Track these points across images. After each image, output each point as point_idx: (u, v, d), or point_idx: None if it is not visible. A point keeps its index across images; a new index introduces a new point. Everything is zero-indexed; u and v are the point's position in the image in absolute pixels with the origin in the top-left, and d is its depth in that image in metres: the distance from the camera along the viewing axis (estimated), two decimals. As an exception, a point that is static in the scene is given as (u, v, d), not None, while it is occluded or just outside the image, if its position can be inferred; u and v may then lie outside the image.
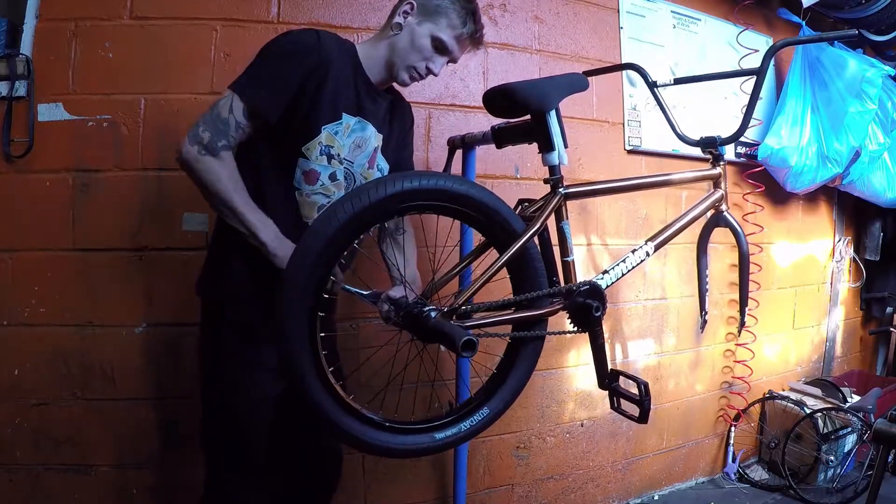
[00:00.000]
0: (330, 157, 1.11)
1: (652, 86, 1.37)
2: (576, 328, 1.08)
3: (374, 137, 1.19)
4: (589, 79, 1.15)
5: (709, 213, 1.36)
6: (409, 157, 1.35)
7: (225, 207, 1.03)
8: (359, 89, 1.15)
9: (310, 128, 1.08)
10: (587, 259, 2.02)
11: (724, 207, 1.35)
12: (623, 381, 1.15)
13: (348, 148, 1.14)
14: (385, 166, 1.24)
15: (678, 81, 1.40)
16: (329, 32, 1.13)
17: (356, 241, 0.87)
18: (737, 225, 1.37)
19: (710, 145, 1.32)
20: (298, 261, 0.84)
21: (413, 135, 1.36)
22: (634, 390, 1.09)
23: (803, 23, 2.28)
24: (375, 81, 1.18)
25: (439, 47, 1.16)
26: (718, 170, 1.33)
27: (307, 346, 0.85)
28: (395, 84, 1.22)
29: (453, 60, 1.21)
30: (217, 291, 1.15)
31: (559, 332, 1.10)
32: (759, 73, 1.18)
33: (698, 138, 1.34)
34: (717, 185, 1.34)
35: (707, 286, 1.48)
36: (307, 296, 0.84)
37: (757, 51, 2.30)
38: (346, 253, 0.88)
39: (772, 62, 2.35)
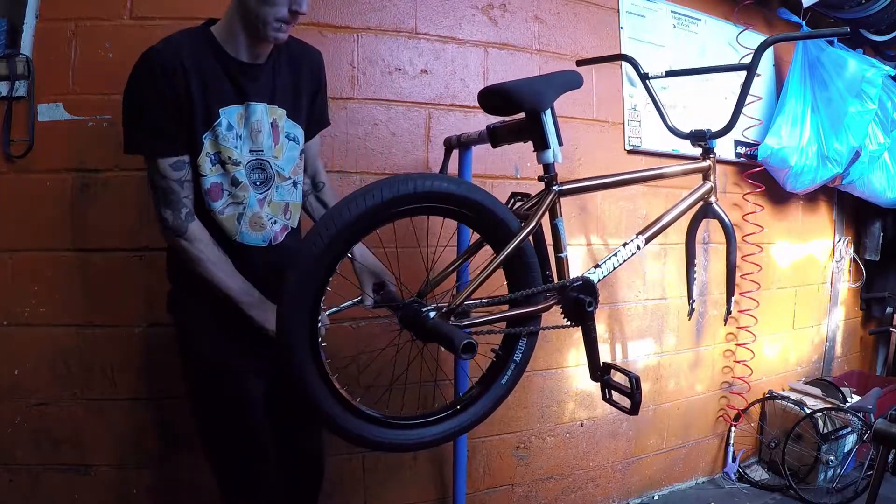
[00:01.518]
0: (223, 164, 1.06)
1: (644, 77, 1.40)
2: (569, 322, 1.10)
3: (265, 114, 1.10)
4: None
5: (698, 205, 1.38)
6: (322, 104, 1.26)
7: (211, 286, 1.05)
8: (232, 74, 1.07)
9: (195, 143, 1.03)
10: (587, 258, 2.01)
11: (712, 199, 1.37)
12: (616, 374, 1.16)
13: (247, 138, 1.08)
14: (297, 132, 1.17)
15: (669, 74, 1.42)
16: (173, 35, 1.06)
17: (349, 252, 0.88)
18: (725, 216, 1.39)
19: (700, 138, 1.35)
20: (302, 260, 0.85)
21: (325, 79, 1.25)
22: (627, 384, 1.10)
23: (803, 23, 2.28)
24: (247, 55, 1.08)
25: None
26: (708, 162, 1.36)
27: (307, 343, 0.86)
28: (272, 43, 1.09)
29: None
30: (182, 310, 1.15)
31: (552, 327, 1.11)
32: (750, 68, 1.20)
33: (688, 131, 1.37)
34: (706, 178, 1.37)
35: (695, 275, 1.50)
36: (307, 305, 0.85)
37: (757, 51, 2.30)
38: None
39: (770, 59, 2.39)
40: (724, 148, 2.23)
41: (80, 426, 1.50)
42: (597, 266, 1.15)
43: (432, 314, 0.90)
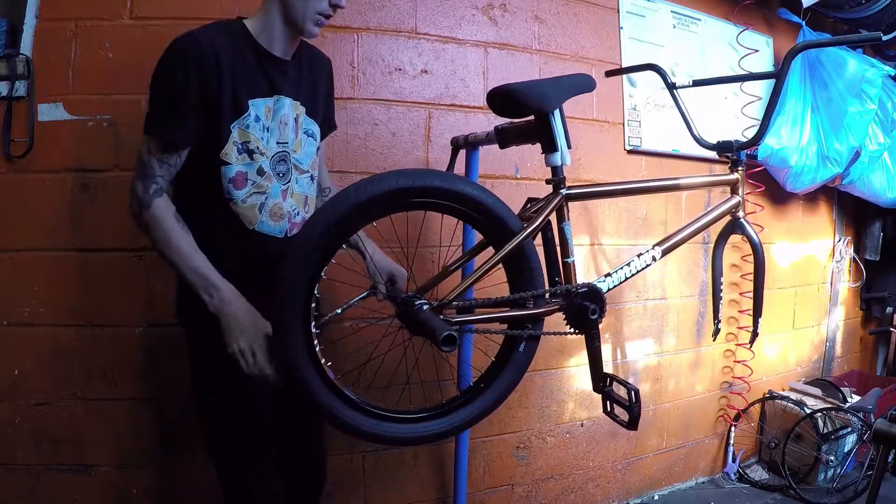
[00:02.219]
0: (251, 153, 1.07)
1: (671, 87, 1.34)
2: (572, 329, 1.08)
3: (290, 109, 1.14)
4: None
5: (725, 220, 1.32)
6: (332, 108, 1.31)
7: (166, 261, 1.03)
8: (265, 67, 1.10)
9: (221, 130, 1.04)
10: (587, 258, 2.02)
11: (740, 214, 1.31)
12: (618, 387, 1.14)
13: (276, 130, 1.11)
14: (314, 129, 1.21)
15: (697, 83, 1.36)
16: (208, 25, 1.07)
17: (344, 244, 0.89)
18: (753, 234, 1.33)
19: (727, 150, 1.28)
20: (306, 234, 0.86)
21: (333, 81, 1.30)
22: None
23: (803, 23, 2.28)
24: (280, 50, 1.12)
25: None
26: (736, 175, 1.29)
27: (301, 328, 0.87)
28: (307, 37, 1.14)
29: None
30: (192, 312, 1.11)
31: (553, 333, 1.09)
32: (779, 76, 1.13)
33: (715, 142, 1.31)
34: (734, 192, 1.30)
35: (721, 294, 1.44)
36: (304, 286, 0.86)
37: (757, 51, 2.30)
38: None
39: (770, 59, 2.39)
40: (744, 153, 2.23)
41: (80, 426, 1.50)
42: (607, 275, 1.11)
43: (424, 307, 0.91)
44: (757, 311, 1.43)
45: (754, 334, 1.46)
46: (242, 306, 1.02)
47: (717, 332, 1.46)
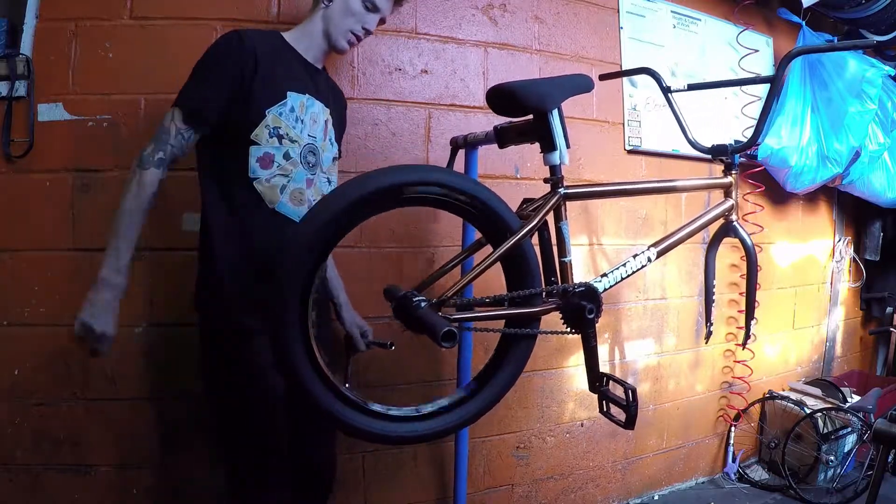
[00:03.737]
0: (280, 138, 1.15)
1: (666, 91, 1.34)
2: (569, 329, 1.08)
3: (322, 112, 1.25)
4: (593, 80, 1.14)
5: (719, 223, 1.33)
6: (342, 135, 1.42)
7: (119, 212, 1.10)
8: (299, 68, 1.23)
9: (254, 114, 1.13)
10: (587, 258, 2.02)
11: (734, 217, 1.32)
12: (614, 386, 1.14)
13: (308, 124, 1.20)
14: (336, 141, 1.33)
15: (692, 87, 1.36)
16: (251, 29, 1.20)
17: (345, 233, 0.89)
18: (747, 237, 1.34)
19: (722, 153, 1.29)
20: (305, 228, 0.86)
21: (345, 115, 1.43)
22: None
23: (803, 23, 2.28)
24: (313, 58, 1.26)
25: (370, 7, 1.26)
26: (730, 179, 1.30)
27: (298, 325, 0.87)
28: (335, 52, 1.29)
29: (383, 20, 1.30)
30: (210, 303, 1.17)
31: (550, 332, 1.09)
32: (774, 80, 1.14)
33: (710, 145, 1.31)
34: (727, 195, 1.31)
35: (714, 297, 1.44)
36: (302, 275, 0.86)
37: (757, 51, 2.30)
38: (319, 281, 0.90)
39: (770, 59, 2.39)
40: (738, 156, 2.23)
41: (80, 426, 1.50)
42: (604, 275, 1.12)
43: (422, 304, 0.91)
44: (749, 314, 1.44)
45: (746, 336, 1.48)
46: (107, 302, 1.06)
47: (709, 335, 1.47)
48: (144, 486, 1.54)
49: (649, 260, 1.17)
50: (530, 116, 1.06)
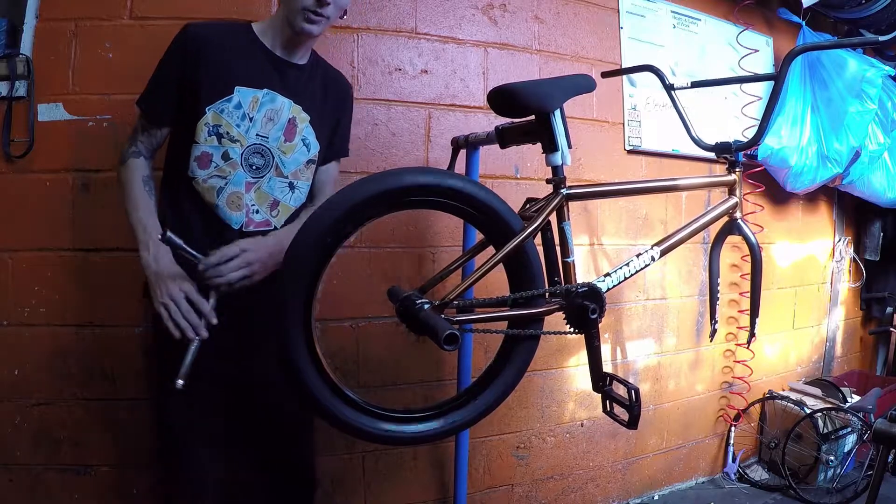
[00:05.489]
0: (220, 137, 1.10)
1: (669, 88, 1.34)
2: (572, 329, 1.08)
3: (286, 109, 1.16)
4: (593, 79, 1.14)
5: (722, 221, 1.33)
6: (345, 135, 1.33)
7: (126, 213, 1.11)
8: (262, 62, 1.15)
9: (195, 111, 1.09)
10: (587, 258, 2.01)
11: (738, 215, 1.32)
12: (618, 386, 1.14)
13: (259, 122, 1.13)
14: (313, 142, 1.21)
15: (696, 84, 1.36)
16: (207, 22, 1.20)
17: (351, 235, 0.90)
18: (751, 234, 1.33)
19: (726, 151, 1.29)
20: (306, 233, 0.87)
21: (351, 110, 1.34)
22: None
23: (803, 23, 2.28)
24: (282, 52, 1.17)
25: None
26: (734, 176, 1.30)
27: (301, 328, 0.87)
28: (302, 36, 1.15)
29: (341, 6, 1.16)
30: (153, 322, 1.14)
31: (554, 332, 1.09)
32: (777, 78, 1.14)
33: (713, 143, 1.31)
34: (731, 192, 1.31)
35: (718, 295, 1.44)
36: (307, 275, 0.86)
37: (757, 51, 2.30)
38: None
39: (770, 59, 2.39)
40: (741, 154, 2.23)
41: (80, 426, 1.50)
42: (607, 275, 1.12)
43: (426, 307, 0.91)
44: (754, 312, 1.44)
45: (751, 335, 1.47)
46: (169, 267, 1.06)
47: (713, 333, 1.47)
48: (144, 486, 1.54)
49: (653, 259, 1.17)
50: (532, 117, 1.06)
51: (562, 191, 1.06)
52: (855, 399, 2.40)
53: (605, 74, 1.52)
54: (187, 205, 1.12)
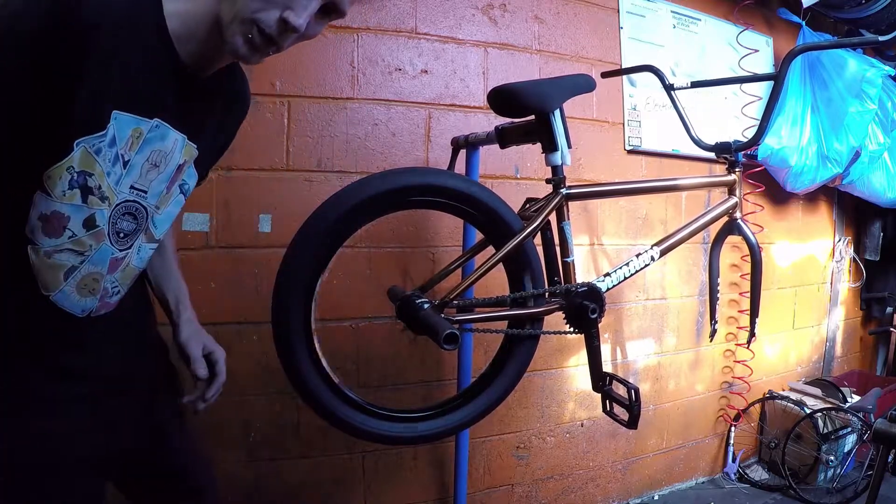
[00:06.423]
0: (86, 192, 0.67)
1: (669, 88, 1.35)
2: (572, 329, 1.08)
3: (179, 150, 0.76)
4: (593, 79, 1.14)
5: (722, 220, 1.33)
6: (216, 159, 0.92)
7: None
8: (162, 76, 0.70)
9: (55, 143, 0.64)
10: (587, 258, 2.02)
11: (737, 215, 1.32)
12: (618, 386, 1.15)
13: (138, 169, 0.72)
14: (191, 184, 0.84)
15: (696, 84, 1.36)
16: None
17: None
18: (750, 234, 1.34)
19: (726, 151, 1.29)
20: (305, 234, 0.87)
21: (240, 125, 0.94)
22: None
23: (803, 23, 2.28)
24: (192, 60, 0.72)
25: None
26: (734, 176, 1.31)
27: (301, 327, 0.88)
28: (232, 56, 0.72)
29: (337, 12, 0.75)
30: None
31: (554, 332, 1.10)
32: (777, 78, 1.14)
33: (713, 143, 1.31)
34: (731, 192, 1.31)
35: (718, 295, 1.44)
36: (306, 281, 0.87)
37: (757, 51, 2.30)
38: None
39: (771, 59, 2.39)
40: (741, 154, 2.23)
41: (80, 426, 1.50)
42: (607, 275, 1.12)
43: (425, 306, 0.91)
44: (754, 312, 1.45)
45: (751, 335, 1.48)
46: None
47: (713, 333, 1.48)
48: (144, 486, 1.54)
49: (653, 259, 1.17)
50: (532, 117, 1.06)
51: (561, 191, 1.06)
52: (855, 399, 2.40)
53: (605, 74, 1.52)
54: (8, 280, 0.69)
